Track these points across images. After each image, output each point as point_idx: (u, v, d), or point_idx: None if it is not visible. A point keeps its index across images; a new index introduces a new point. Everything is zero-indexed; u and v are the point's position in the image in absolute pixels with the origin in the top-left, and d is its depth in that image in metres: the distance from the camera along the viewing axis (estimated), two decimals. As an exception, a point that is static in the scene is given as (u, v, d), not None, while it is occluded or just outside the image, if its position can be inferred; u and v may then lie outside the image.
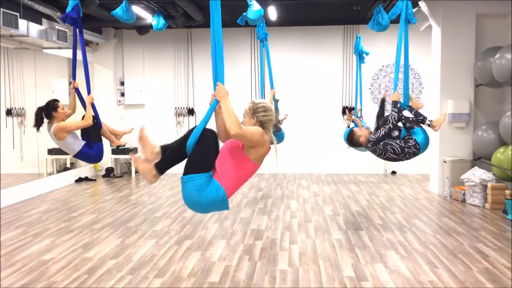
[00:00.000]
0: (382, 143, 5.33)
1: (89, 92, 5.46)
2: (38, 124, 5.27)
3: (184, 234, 5.53)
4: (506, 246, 4.99)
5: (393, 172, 10.47)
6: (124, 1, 7.04)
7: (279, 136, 7.49)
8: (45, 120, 5.29)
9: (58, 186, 9.00)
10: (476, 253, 4.79)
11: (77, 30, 5.42)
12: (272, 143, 3.25)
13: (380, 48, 10.11)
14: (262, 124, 3.21)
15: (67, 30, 7.91)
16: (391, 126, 5.32)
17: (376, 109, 10.42)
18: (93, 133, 5.36)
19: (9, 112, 10.42)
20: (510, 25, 7.51)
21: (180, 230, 5.70)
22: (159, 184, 9.20)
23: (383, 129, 5.35)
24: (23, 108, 10.35)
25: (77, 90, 5.48)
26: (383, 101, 5.99)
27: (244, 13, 6.40)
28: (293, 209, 6.90)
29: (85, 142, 5.32)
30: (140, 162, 3.16)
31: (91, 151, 5.31)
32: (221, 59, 3.08)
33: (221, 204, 3.12)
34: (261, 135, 3.08)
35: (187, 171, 3.08)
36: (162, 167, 3.18)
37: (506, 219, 6.16)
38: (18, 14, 6.52)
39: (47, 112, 5.25)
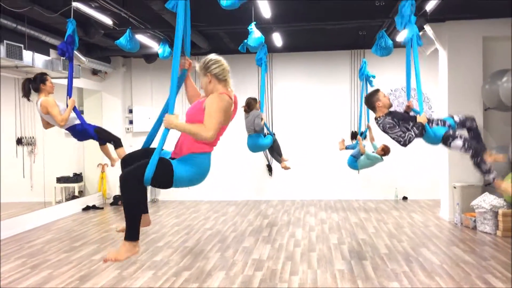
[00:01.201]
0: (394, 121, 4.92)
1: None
2: (25, 94, 5.42)
3: (184, 265, 5.42)
4: (516, 277, 4.79)
5: (404, 198, 10.25)
6: (127, 30, 7.11)
7: (265, 140, 7.42)
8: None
9: (65, 214, 8.98)
10: (483, 284, 4.60)
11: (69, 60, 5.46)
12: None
13: (389, 72, 10.01)
14: (217, 78, 3.12)
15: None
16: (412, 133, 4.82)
17: (387, 137, 10.31)
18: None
19: (19, 141, 10.54)
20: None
21: (180, 261, 5.60)
22: (165, 212, 9.14)
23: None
24: (33, 137, 10.46)
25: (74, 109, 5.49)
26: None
27: (245, 41, 6.39)
28: (298, 237, 6.76)
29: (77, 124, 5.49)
30: (117, 254, 2.97)
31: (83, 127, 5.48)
32: (174, 90, 3.01)
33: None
34: (222, 109, 3.00)
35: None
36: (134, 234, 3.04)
37: (518, 248, 5.94)
38: (22, 46, 6.61)
39: (35, 84, 5.38)
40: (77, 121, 5.53)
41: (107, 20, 7.12)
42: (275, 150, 7.84)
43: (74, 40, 5.60)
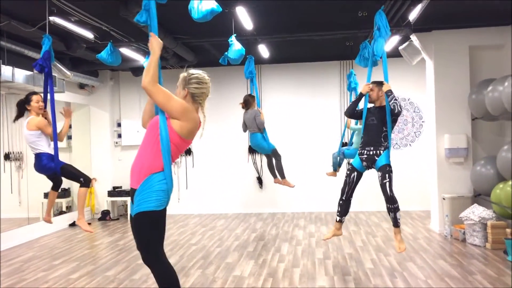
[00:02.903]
0: None
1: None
2: (16, 116, 5.36)
3: (162, 283, 5.27)
4: (501, 292, 4.65)
5: (396, 209, 10.09)
6: (109, 44, 7.04)
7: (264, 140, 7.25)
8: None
9: (51, 231, 8.84)
10: (467, 301, 4.46)
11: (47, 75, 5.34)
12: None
13: (377, 82, 9.93)
14: (193, 97, 3.09)
15: (56, 75, 7.91)
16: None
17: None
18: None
19: (7, 157, 10.43)
20: (504, 57, 7.31)
21: (159, 279, 5.45)
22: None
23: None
24: (21, 152, 10.36)
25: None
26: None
27: (226, 53, 6.31)
28: (283, 252, 6.61)
29: (49, 154, 5.23)
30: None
31: (49, 162, 5.20)
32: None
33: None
34: (182, 107, 2.97)
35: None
36: None
37: (506, 261, 5.80)
38: (0, 61, 6.53)
39: (21, 106, 5.34)
40: (47, 150, 5.26)
41: (88, 34, 7.04)
42: (276, 166, 7.53)
43: (51, 55, 5.52)
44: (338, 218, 5.33)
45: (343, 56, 10.01)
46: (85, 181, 5.41)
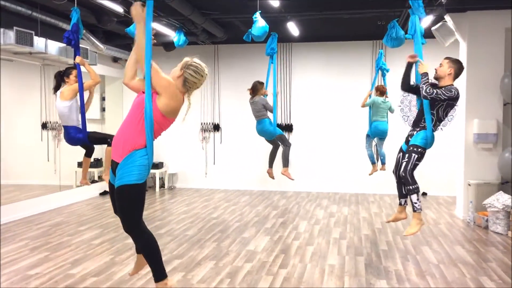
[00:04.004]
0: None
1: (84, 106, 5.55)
2: (55, 87, 5.66)
3: (177, 253, 5.44)
4: (513, 281, 4.56)
5: (424, 194, 9.97)
6: (137, 19, 7.13)
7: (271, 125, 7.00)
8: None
9: (82, 198, 9.21)
10: (475, 286, 4.40)
11: (75, 49, 5.50)
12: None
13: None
14: (184, 82, 3.24)
15: (88, 47, 8.12)
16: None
17: (407, 128, 10.07)
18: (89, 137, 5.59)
19: (44, 126, 10.85)
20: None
21: (175, 249, 5.62)
22: (178, 199, 9.22)
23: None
24: (57, 122, 10.73)
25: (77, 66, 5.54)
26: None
27: (250, 30, 6.31)
28: (300, 230, 6.67)
29: (76, 126, 5.52)
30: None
31: (77, 134, 5.51)
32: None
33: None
34: (168, 83, 3.12)
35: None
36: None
37: (526, 250, 5.67)
38: (33, 32, 6.75)
39: (60, 78, 5.64)
40: (75, 118, 5.53)
41: (118, 8, 7.17)
42: (282, 153, 7.10)
43: (79, 28, 5.68)
44: (399, 201, 5.16)
45: (375, 36, 9.80)
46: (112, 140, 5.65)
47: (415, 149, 4.76)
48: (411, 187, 4.73)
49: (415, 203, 4.77)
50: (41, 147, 10.58)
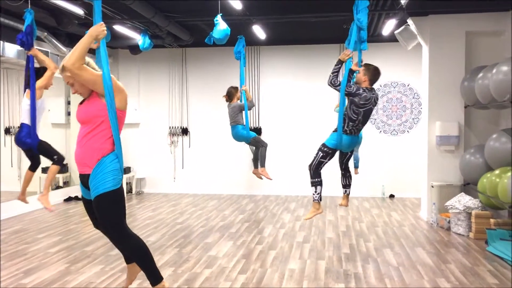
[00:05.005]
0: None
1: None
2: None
3: (136, 260, 5.33)
4: (470, 283, 4.58)
5: (391, 196, 10.04)
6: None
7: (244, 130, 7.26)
8: None
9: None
10: (432, 289, 4.43)
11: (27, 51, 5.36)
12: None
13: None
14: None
15: (48, 50, 7.95)
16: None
17: (375, 133, 10.09)
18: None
19: (7, 131, 10.59)
20: (503, 43, 7.12)
21: (135, 256, 5.51)
22: (144, 204, 9.09)
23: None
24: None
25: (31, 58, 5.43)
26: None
27: (211, 32, 6.26)
28: (264, 234, 6.63)
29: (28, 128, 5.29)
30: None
31: (27, 138, 5.30)
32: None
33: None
34: (113, 79, 3.22)
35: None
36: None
37: (485, 251, 5.72)
38: (-12, 35, 6.57)
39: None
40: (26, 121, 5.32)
41: (78, 10, 7.03)
42: (259, 153, 7.36)
43: (33, 30, 5.55)
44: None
45: (342, 39, 9.81)
46: (59, 160, 5.50)
47: (322, 147, 5.30)
48: (312, 180, 5.34)
49: (313, 194, 5.42)
50: (4, 153, 10.33)
